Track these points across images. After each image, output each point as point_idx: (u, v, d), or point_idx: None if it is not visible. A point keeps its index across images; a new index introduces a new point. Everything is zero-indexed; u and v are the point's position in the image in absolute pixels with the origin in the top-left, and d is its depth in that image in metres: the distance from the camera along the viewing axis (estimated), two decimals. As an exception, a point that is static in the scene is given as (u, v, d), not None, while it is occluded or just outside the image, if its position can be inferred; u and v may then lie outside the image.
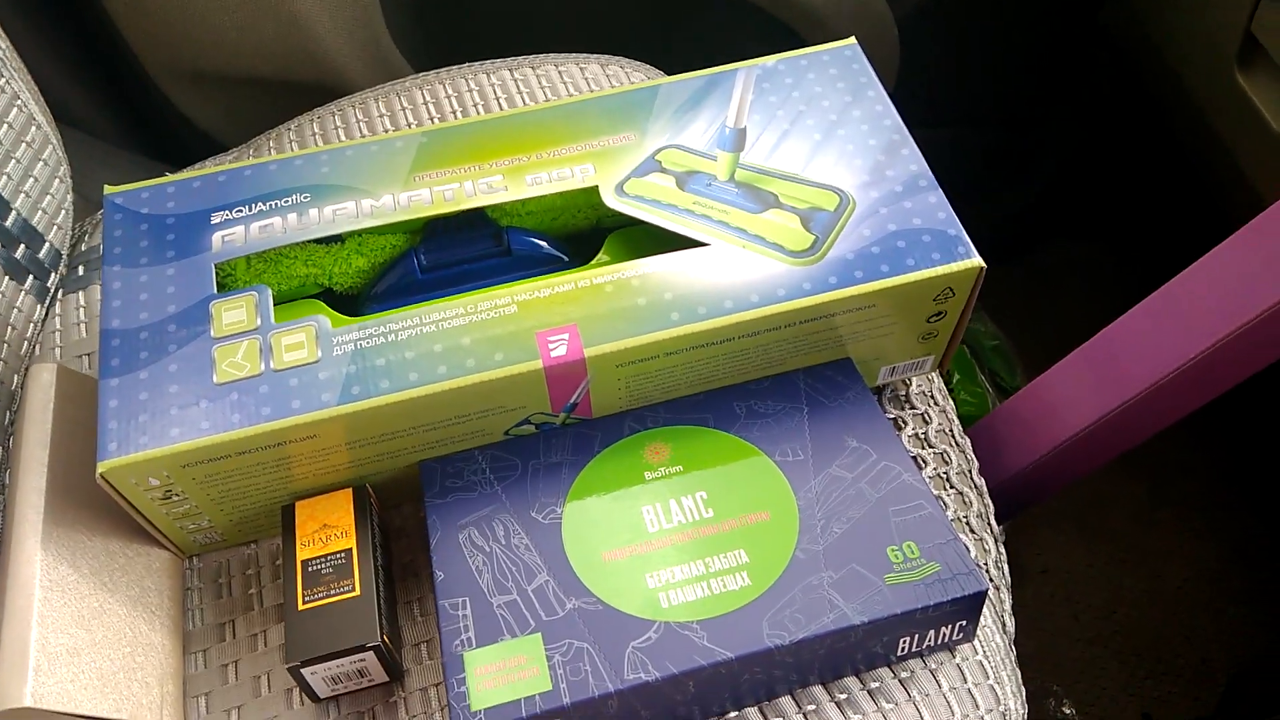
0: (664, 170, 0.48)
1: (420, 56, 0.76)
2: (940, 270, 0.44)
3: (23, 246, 0.53)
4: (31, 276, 0.53)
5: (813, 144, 0.49)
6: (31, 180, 0.53)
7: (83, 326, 0.54)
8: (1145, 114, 0.86)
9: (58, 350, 0.54)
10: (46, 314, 0.55)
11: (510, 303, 0.43)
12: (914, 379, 0.53)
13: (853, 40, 0.53)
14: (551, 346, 0.42)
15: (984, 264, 0.44)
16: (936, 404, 0.53)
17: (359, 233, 0.48)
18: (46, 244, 0.55)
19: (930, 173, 0.47)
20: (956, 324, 0.48)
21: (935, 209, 0.46)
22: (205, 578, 0.47)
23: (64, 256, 0.56)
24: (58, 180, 0.55)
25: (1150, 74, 0.77)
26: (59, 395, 0.46)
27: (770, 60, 0.52)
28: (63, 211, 0.56)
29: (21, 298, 0.53)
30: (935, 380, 0.54)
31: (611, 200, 0.47)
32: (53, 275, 0.55)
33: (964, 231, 0.45)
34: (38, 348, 0.54)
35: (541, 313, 0.43)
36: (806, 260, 0.44)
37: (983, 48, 0.90)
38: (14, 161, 0.52)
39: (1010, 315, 0.99)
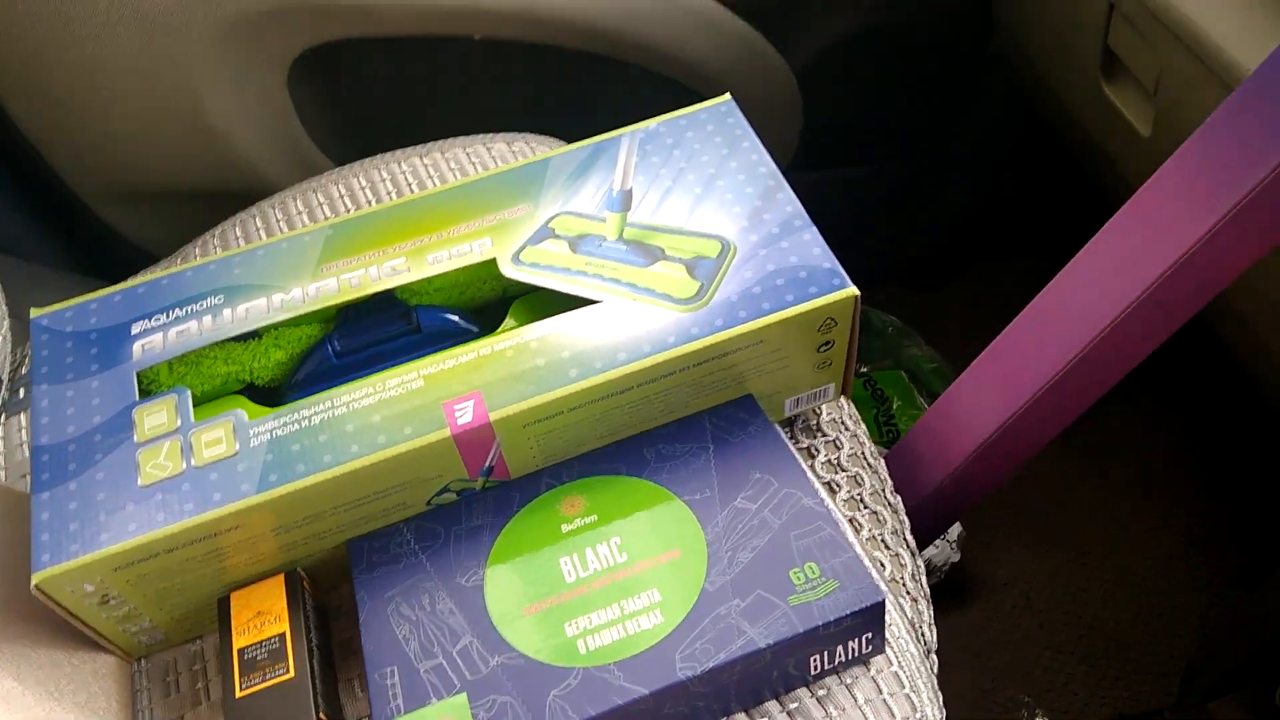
0: (557, 236, 0.51)
1: (343, 149, 0.79)
2: (819, 302, 0.47)
3: (-40, 374, 0.55)
4: (-30, 402, 0.56)
5: (694, 197, 0.51)
6: (-36, 310, 0.56)
7: (25, 447, 0.56)
8: (1039, 132, 0.90)
9: (2, 473, 0.56)
10: (-14, 436, 0.57)
11: (417, 378, 0.46)
12: (824, 408, 0.56)
13: (727, 97, 0.56)
14: (458, 414, 0.44)
15: (858, 292, 0.47)
16: (847, 429, 0.55)
17: (275, 326, 0.51)
18: (-17, 369, 0.57)
19: (804, 212, 0.50)
20: (847, 352, 0.50)
21: (810, 246, 0.49)
22: (153, 678, 0.48)
23: (4, 381, 0.58)
24: (-9, 307, 0.58)
25: (1036, 94, 0.82)
26: (-3, 514, 0.47)
27: (652, 123, 0.55)
28: (0, 338, 0.58)
29: (-39, 423, 0.55)
30: (845, 407, 0.56)
31: (509, 270, 0.49)
32: (-9, 399, 0.57)
33: (838, 264, 0.48)
34: (-20, 470, 0.56)
35: (447, 383, 0.45)
36: (694, 306, 0.47)
37: (884, 85, 0.94)
38: (-55, 294, 0.55)
39: (947, 338, 1.02)
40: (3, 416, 0.58)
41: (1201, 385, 1.00)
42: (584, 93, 0.82)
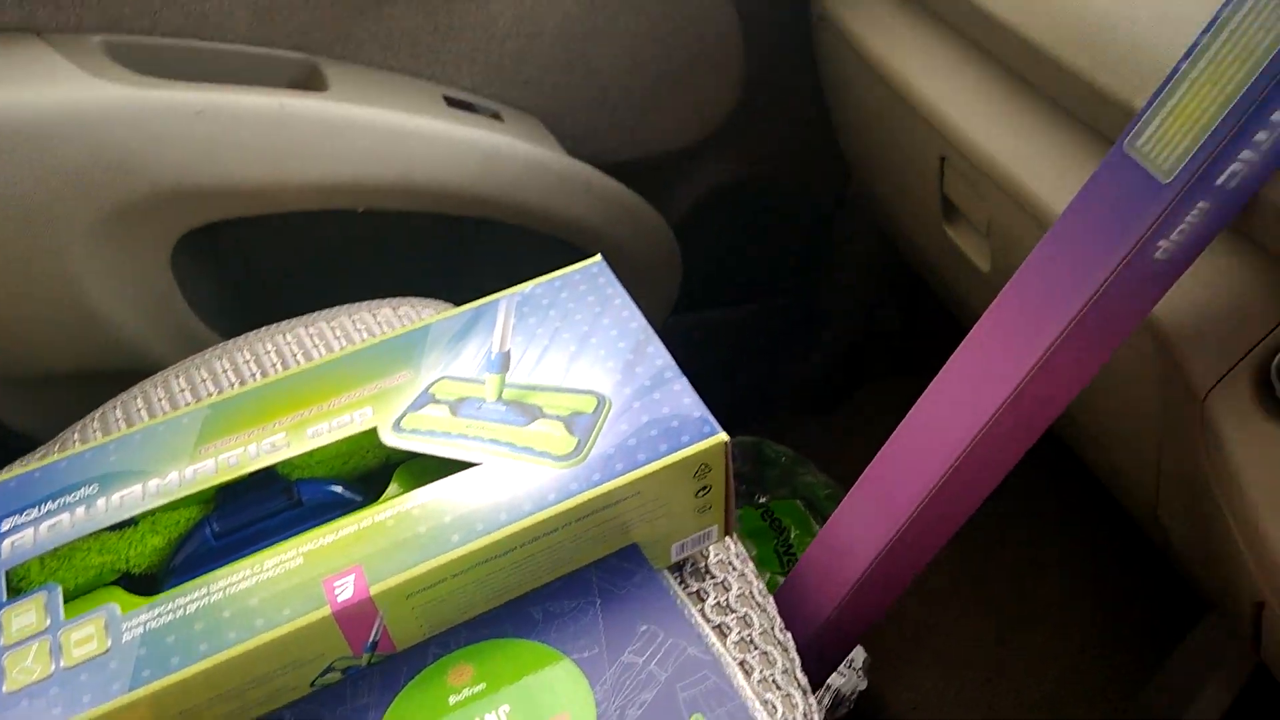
0: (438, 401, 0.52)
1: (230, 322, 0.80)
2: (691, 450, 0.48)
3: None
4: None
5: (570, 355, 0.54)
6: None
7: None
8: (900, 267, 0.96)
9: None
10: None
11: (296, 555, 0.45)
12: (712, 549, 0.57)
13: (599, 258, 0.60)
14: (338, 591, 0.44)
15: (728, 437, 0.49)
16: (735, 569, 0.56)
17: (151, 512, 0.50)
18: None
19: (674, 364, 0.52)
20: (725, 495, 0.52)
21: (680, 395, 0.51)
22: None
23: None
24: None
25: (891, 234, 0.88)
26: None
27: (528, 286, 0.58)
28: None
29: None
30: (732, 547, 0.57)
31: (390, 438, 0.50)
32: None
33: (708, 412, 0.50)
34: None
35: (327, 559, 0.45)
36: (573, 462, 0.48)
37: (757, 230, 1.00)
38: None
39: (840, 463, 1.05)
40: None
41: (1077, 499, 1.05)
42: (470, 254, 0.85)
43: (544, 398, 0.52)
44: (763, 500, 1.02)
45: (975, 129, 0.60)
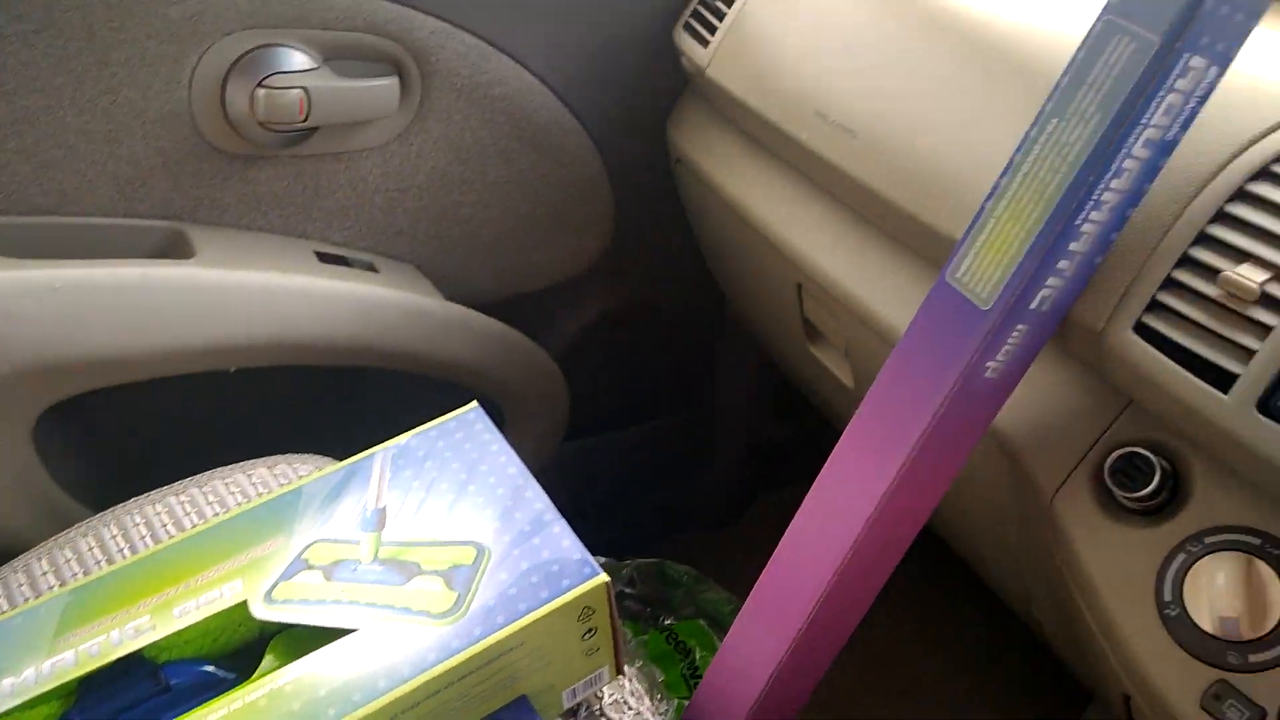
0: (311, 567, 0.51)
1: (100, 494, 0.77)
2: (573, 594, 0.49)
3: None
4: None
5: (447, 506, 0.54)
6: None
7: None
8: (782, 381, 1.00)
9: None
10: None
11: (163, 745, 0.43)
12: (605, 690, 0.56)
13: (474, 405, 0.60)
14: (209, 779, 0.42)
15: (608, 578, 0.50)
16: (630, 708, 0.56)
17: (7, 713, 0.47)
18: None
19: (553, 506, 0.53)
20: (612, 635, 0.52)
21: (560, 539, 0.51)
22: None
23: None
24: None
25: (766, 352, 0.91)
26: None
27: (404, 439, 0.58)
28: None
29: None
30: (628, 685, 0.57)
31: (260, 611, 0.49)
32: None
33: (588, 553, 0.50)
34: None
35: (197, 746, 0.43)
36: (453, 618, 0.48)
37: (641, 356, 1.03)
38: None
39: (740, 576, 1.06)
40: None
41: (975, 596, 1.08)
42: (353, 403, 0.85)
43: (422, 553, 0.51)
44: (668, 622, 1.02)
45: (824, 259, 0.64)
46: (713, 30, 0.78)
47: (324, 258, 0.80)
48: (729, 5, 0.78)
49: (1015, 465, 0.53)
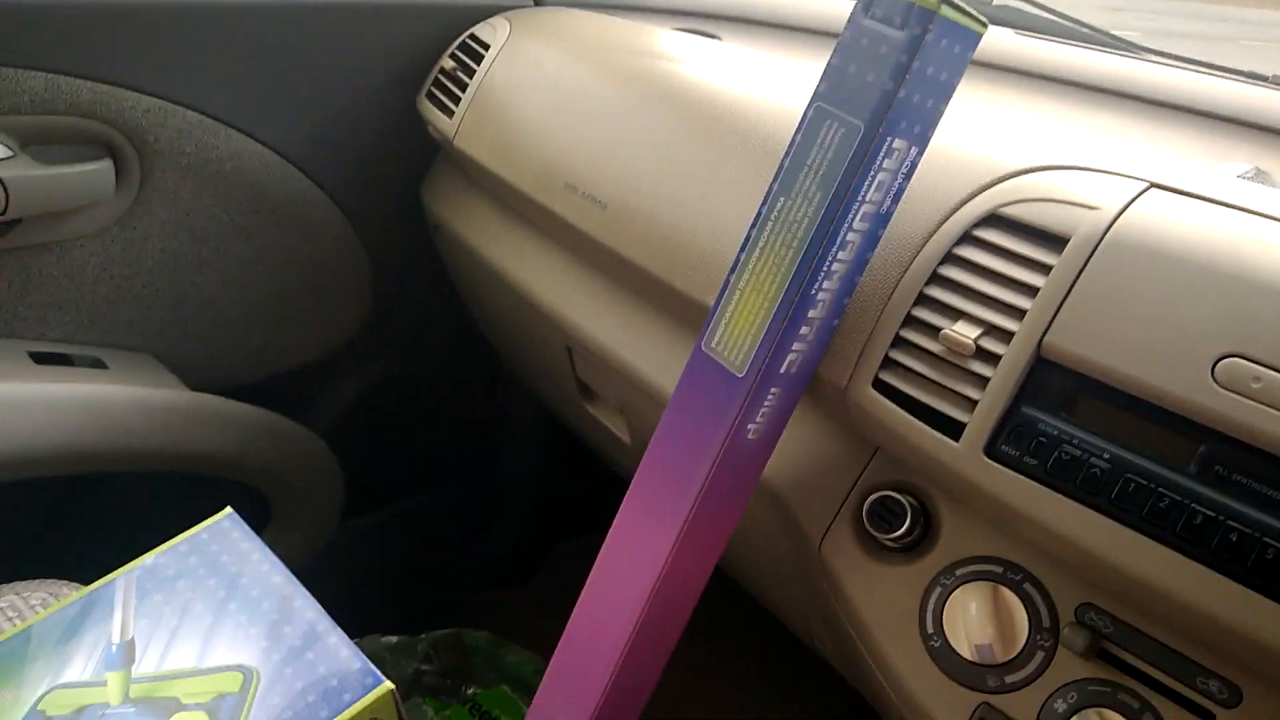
0: (50, 719, 0.45)
1: None
2: (356, 709, 0.46)
3: None
4: None
5: (206, 629, 0.49)
6: None
7: None
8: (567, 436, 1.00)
9: None
10: None
11: None
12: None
13: (228, 511, 0.56)
14: None
15: (393, 685, 0.47)
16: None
17: None
18: None
19: (326, 615, 0.50)
20: (401, 741, 0.50)
21: (337, 649, 0.48)
22: None
23: None
24: None
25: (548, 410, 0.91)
26: None
27: (150, 558, 0.53)
28: None
29: None
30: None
31: (-12, 782, 0.43)
32: None
33: (367, 661, 0.48)
34: None
35: None
36: (221, 755, 0.44)
37: (415, 422, 1.00)
38: None
39: (541, 633, 1.04)
40: None
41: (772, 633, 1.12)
42: (85, 515, 0.76)
43: (181, 686, 0.47)
44: (471, 692, 0.99)
45: (591, 323, 0.65)
46: (456, 100, 0.78)
47: (40, 358, 0.72)
48: (469, 76, 0.78)
49: (784, 514, 0.55)
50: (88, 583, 0.52)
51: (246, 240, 0.80)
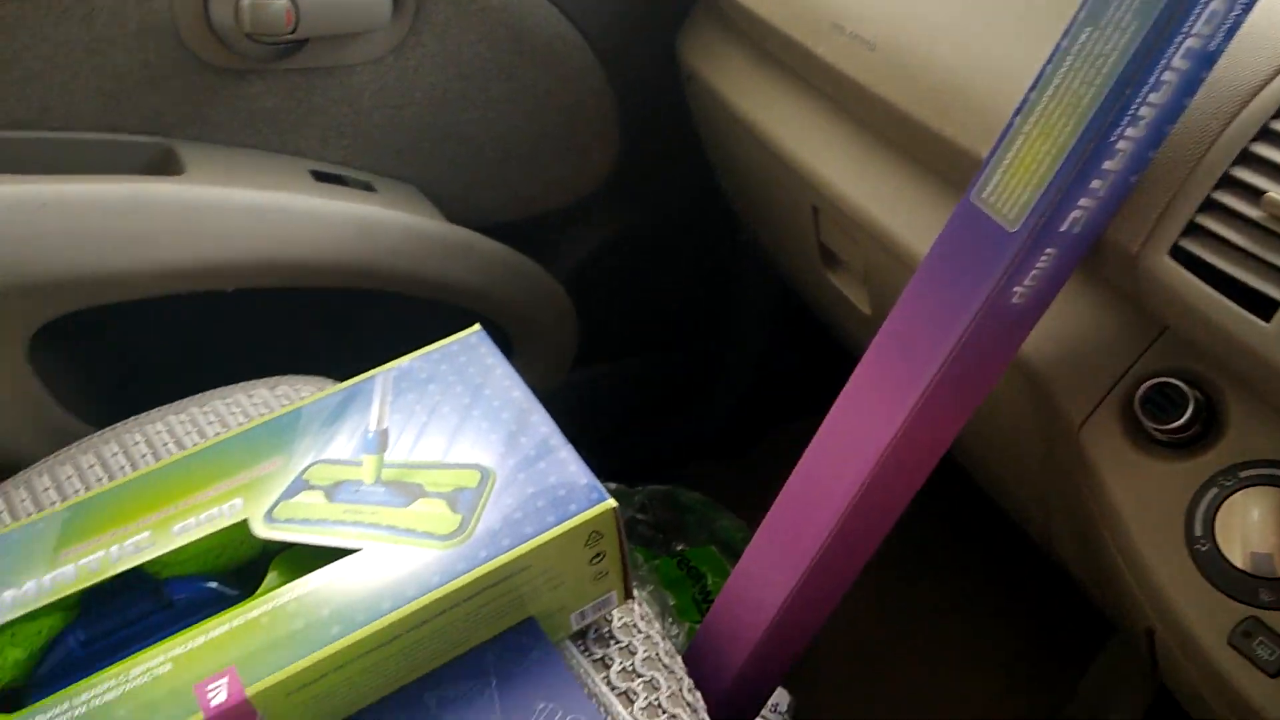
0: (312, 487, 0.50)
1: (100, 412, 0.76)
2: (580, 519, 0.48)
3: None
4: None
5: (451, 429, 0.52)
6: None
7: None
8: (795, 309, 0.98)
9: None
10: None
11: (164, 661, 0.43)
12: (615, 613, 0.56)
13: (477, 328, 0.59)
14: (211, 695, 0.42)
15: (615, 503, 0.49)
16: (640, 632, 0.55)
17: (8, 625, 0.47)
18: None
19: (559, 432, 0.52)
20: (620, 560, 0.51)
21: (566, 464, 0.50)
22: None
23: None
24: None
25: (781, 279, 0.89)
26: None
27: (405, 361, 0.57)
28: None
29: None
30: (637, 608, 0.57)
31: (261, 529, 0.48)
32: None
33: (595, 478, 0.49)
34: None
35: (198, 663, 0.43)
36: (457, 540, 0.47)
37: (651, 281, 1.01)
38: None
39: (752, 506, 1.05)
40: None
41: (994, 531, 1.08)
42: (353, 325, 0.83)
43: (425, 475, 0.50)
44: (680, 548, 1.02)
45: (842, 181, 0.62)
46: (724, -60, 0.75)
47: (319, 176, 0.77)
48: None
49: (1041, 394, 0.51)
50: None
51: (507, 80, 0.82)
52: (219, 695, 0.42)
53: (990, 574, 1.04)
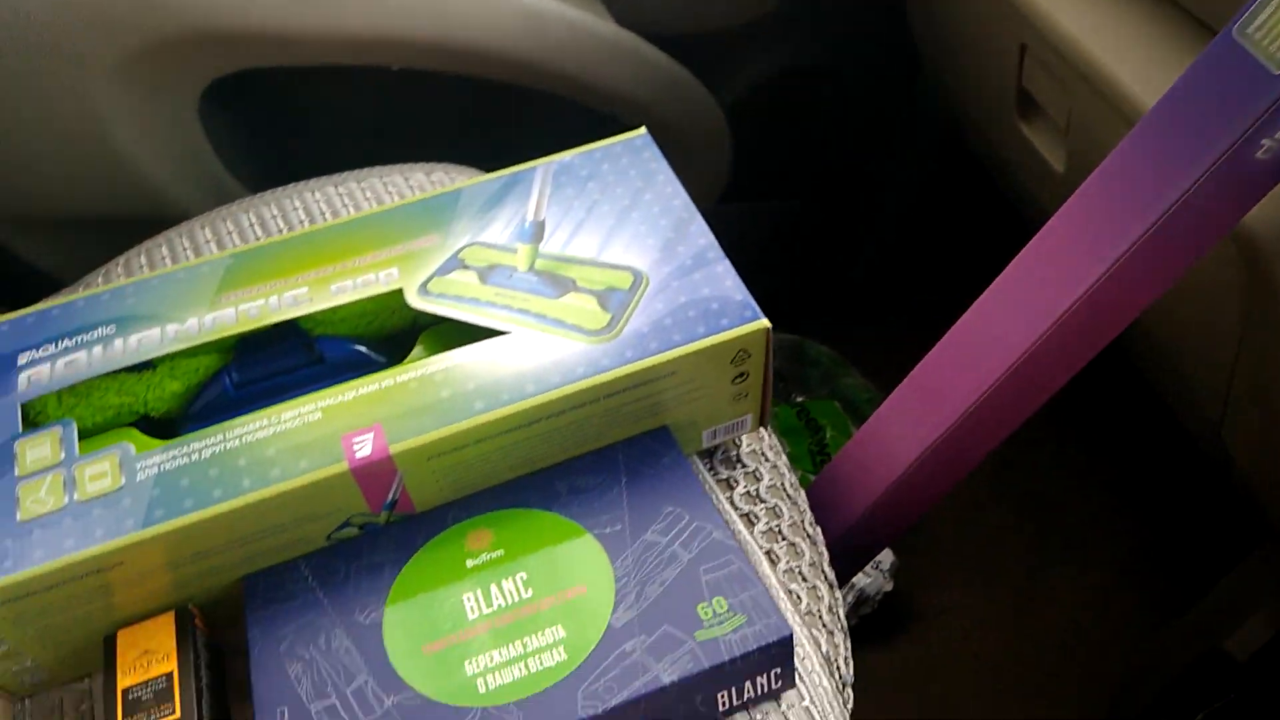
0: (467, 267, 0.50)
1: (259, 177, 0.77)
2: (730, 334, 0.46)
3: None
4: None
5: (608, 229, 0.51)
6: None
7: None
8: (969, 163, 0.92)
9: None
10: None
11: (315, 410, 0.44)
12: (745, 439, 0.55)
13: (643, 130, 0.56)
14: (356, 448, 0.43)
15: (769, 324, 0.47)
16: (767, 460, 0.55)
17: (170, 357, 0.49)
18: None
19: (718, 245, 0.50)
20: (763, 384, 0.50)
21: (723, 278, 0.48)
22: (36, 718, 0.46)
23: None
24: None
25: (960, 129, 0.83)
26: None
27: (567, 155, 0.55)
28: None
29: None
30: (767, 438, 0.56)
31: (415, 300, 0.48)
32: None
33: (750, 296, 0.48)
34: None
35: (347, 416, 0.44)
36: (604, 338, 0.46)
37: (815, 121, 0.95)
38: None
39: (883, 371, 1.02)
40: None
41: (1125, 426, 1.02)
42: (507, 123, 0.82)
43: (577, 271, 0.49)
44: (800, 399, 1.00)
45: (1063, 13, 0.55)
46: None
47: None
48: None
49: (1256, 269, 0.46)
50: None
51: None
52: (364, 448, 0.43)
53: (1122, 463, 0.99)
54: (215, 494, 0.41)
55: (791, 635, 0.40)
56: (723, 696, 0.41)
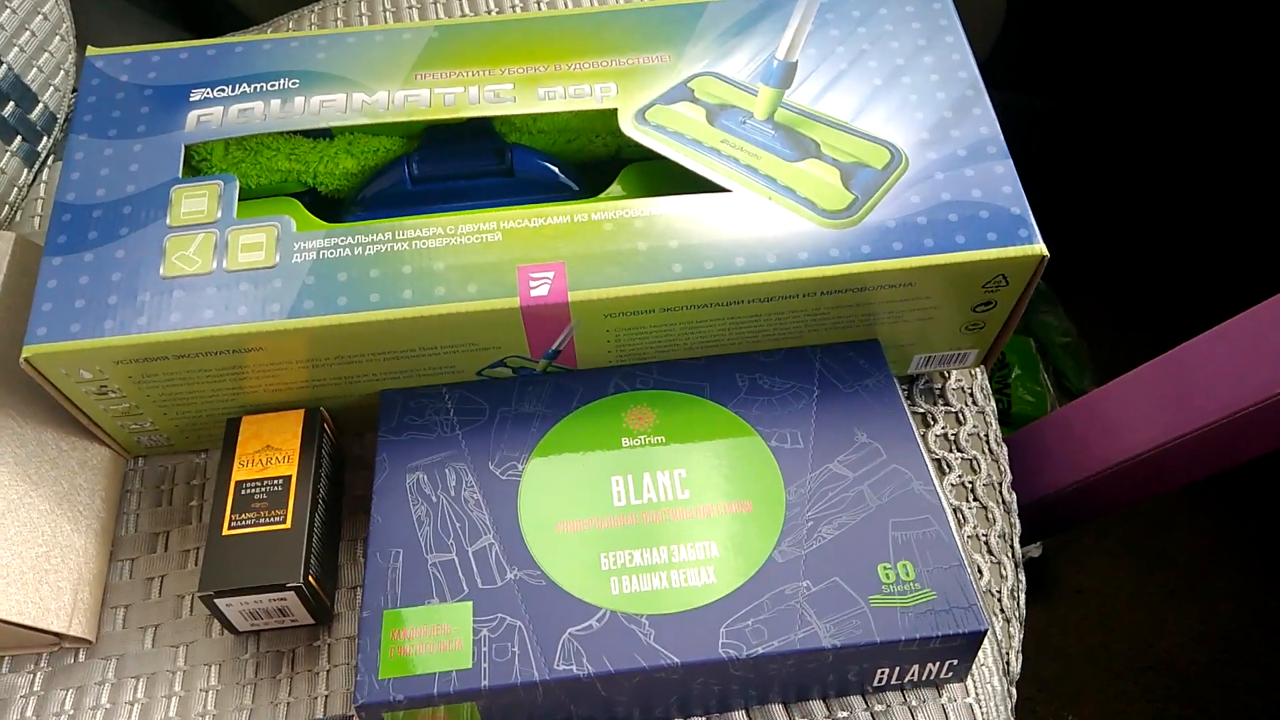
0: (695, 100, 0.42)
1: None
2: (994, 254, 0.38)
3: (12, 104, 0.49)
4: (20, 138, 0.50)
5: (871, 89, 0.42)
6: (28, 34, 0.50)
7: (68, 198, 0.51)
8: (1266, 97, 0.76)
9: (37, 220, 0.50)
10: (34, 179, 0.52)
11: (496, 229, 0.38)
12: (954, 373, 0.47)
13: (939, -25, 0.46)
14: (533, 284, 0.37)
15: (1047, 253, 0.38)
16: (975, 404, 0.47)
17: (350, 130, 0.43)
18: (40, 104, 0.51)
19: (1003, 139, 0.40)
20: (1008, 317, 0.41)
21: (1001, 181, 0.39)
22: (147, 482, 0.43)
23: (59, 120, 0.53)
24: (58, 38, 0.52)
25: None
26: (12, 267, 0.42)
27: (841, -11, 0.45)
28: (61, 72, 0.52)
29: (6, 159, 0.49)
30: (978, 376, 0.48)
31: (629, 128, 0.41)
32: (44, 139, 0.52)
33: (1030, 212, 0.38)
34: (19, 214, 0.51)
35: (529, 245, 0.38)
36: (840, 222, 0.38)
37: (1098, 16, 0.80)
38: (8, 11, 0.48)
39: (1090, 312, 0.90)
40: (52, 159, 0.52)
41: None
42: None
43: (824, 133, 0.41)
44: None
45: None
46: None
47: None
48: None
49: None
50: None
51: None
52: (541, 287, 0.37)
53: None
54: (372, 298, 0.36)
55: (984, 633, 0.33)
56: (883, 673, 0.35)
